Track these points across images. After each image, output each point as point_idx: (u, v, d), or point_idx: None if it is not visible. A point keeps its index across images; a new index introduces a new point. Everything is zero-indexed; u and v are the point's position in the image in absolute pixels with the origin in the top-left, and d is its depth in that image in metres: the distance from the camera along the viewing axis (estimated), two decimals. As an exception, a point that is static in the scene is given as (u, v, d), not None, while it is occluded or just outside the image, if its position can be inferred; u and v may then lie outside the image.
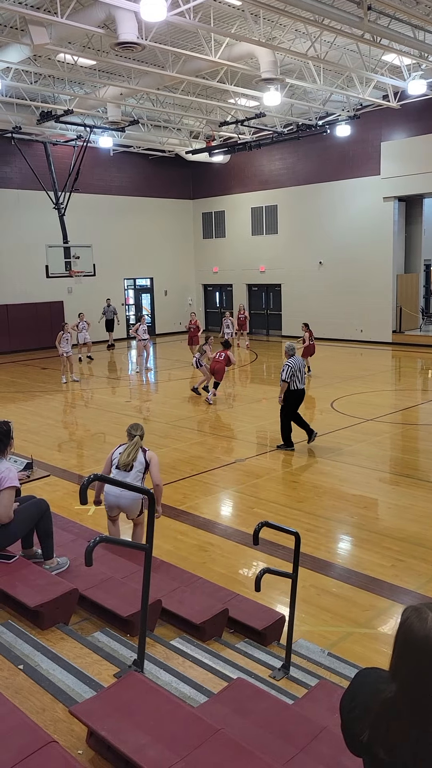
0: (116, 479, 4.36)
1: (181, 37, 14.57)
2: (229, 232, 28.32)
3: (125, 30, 11.70)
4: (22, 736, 2.08)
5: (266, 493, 8.91)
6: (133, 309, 28.47)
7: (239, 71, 15.49)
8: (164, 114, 21.19)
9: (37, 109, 19.54)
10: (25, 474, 8.15)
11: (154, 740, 2.26)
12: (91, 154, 23.22)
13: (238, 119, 20.76)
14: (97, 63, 15.61)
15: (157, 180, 27.78)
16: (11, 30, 13.54)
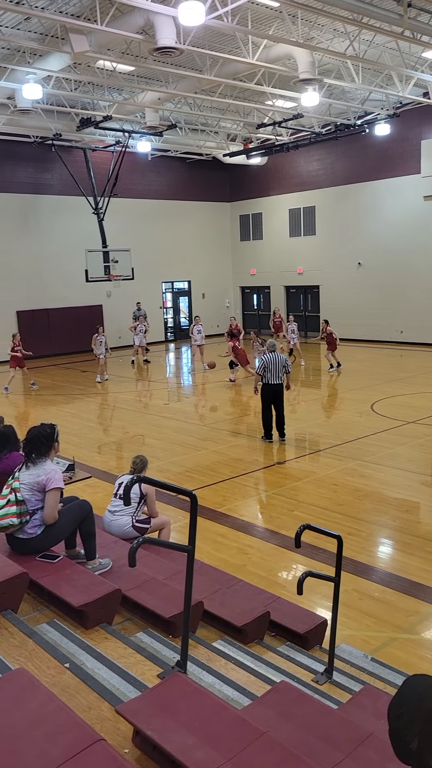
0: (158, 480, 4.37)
1: (219, 40, 14.61)
2: (266, 234, 28.27)
3: (164, 35, 11.79)
4: (71, 733, 2.11)
5: (306, 496, 8.86)
6: (170, 312, 28.64)
7: (277, 72, 15.46)
8: (201, 117, 21.28)
9: (76, 116, 19.84)
10: (68, 475, 8.26)
11: (200, 741, 2.26)
12: (129, 159, 23.46)
13: (276, 121, 20.72)
14: (136, 69, 15.77)
15: (195, 183, 27.91)
16: (52, 39, 13.78)
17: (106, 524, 6.01)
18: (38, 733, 2.12)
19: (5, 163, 22.63)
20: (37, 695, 2.33)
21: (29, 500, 4.53)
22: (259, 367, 11.27)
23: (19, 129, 20.26)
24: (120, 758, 2.02)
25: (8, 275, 22.83)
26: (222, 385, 17.38)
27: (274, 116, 20.89)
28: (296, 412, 13.88)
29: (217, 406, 15.01)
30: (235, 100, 18.72)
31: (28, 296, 23.47)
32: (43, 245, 23.70)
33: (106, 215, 22.11)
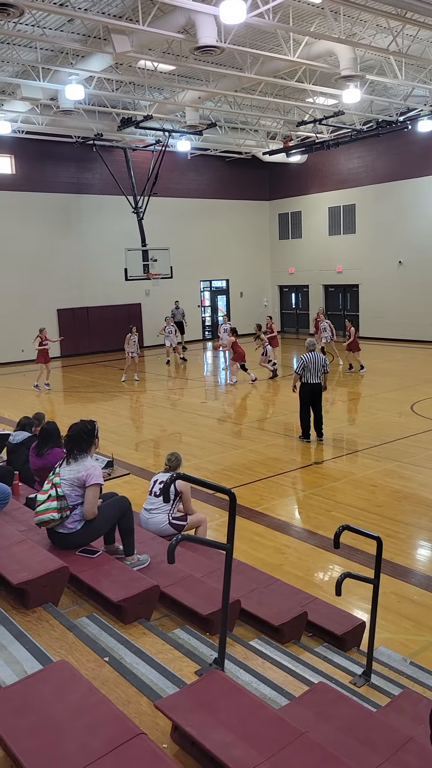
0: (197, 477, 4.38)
1: (260, 38, 14.57)
2: (305, 233, 28.09)
3: (205, 34, 11.81)
4: (112, 726, 2.13)
5: (344, 497, 8.78)
6: (208, 311, 28.69)
7: (318, 70, 15.34)
8: (241, 116, 21.26)
9: (117, 116, 20.02)
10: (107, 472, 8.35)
11: (238, 739, 2.26)
12: (169, 158, 23.57)
13: (316, 118, 20.56)
14: (176, 68, 15.84)
15: (234, 182, 27.90)
16: (94, 40, 13.93)
17: (143, 522, 6.06)
18: (80, 724, 2.15)
19: (47, 164, 22.98)
20: (79, 687, 2.37)
21: (69, 495, 4.59)
22: (298, 366, 11.20)
23: (61, 129, 20.55)
24: (160, 753, 2.03)
25: (50, 274, 23.20)
26: (258, 384, 17.34)
27: (314, 114, 20.74)
28: (334, 412, 13.76)
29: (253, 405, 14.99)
30: (276, 97, 18.65)
31: (69, 295, 23.80)
32: (84, 244, 24.00)
33: (145, 214, 22.27)
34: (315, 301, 27.85)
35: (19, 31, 13.08)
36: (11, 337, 22.32)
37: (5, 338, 22.25)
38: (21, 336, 22.51)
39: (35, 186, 22.80)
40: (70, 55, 14.76)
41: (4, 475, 6.00)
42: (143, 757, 2.00)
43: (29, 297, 22.75)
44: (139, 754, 2.01)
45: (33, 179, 22.76)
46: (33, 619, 3.52)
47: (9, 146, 21.85)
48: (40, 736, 2.11)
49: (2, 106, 18.36)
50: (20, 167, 22.51)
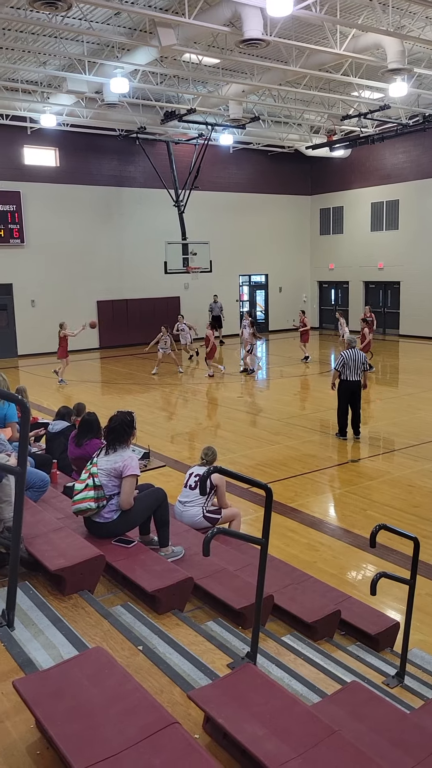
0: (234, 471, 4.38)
1: (306, 30, 14.43)
2: (347, 228, 27.78)
3: (251, 27, 11.75)
4: (147, 714, 2.16)
5: (380, 496, 8.69)
6: (247, 305, 28.64)
7: (364, 63, 15.11)
8: (285, 109, 21.10)
9: (161, 109, 20.08)
10: (143, 463, 8.44)
11: (270, 733, 2.27)
12: (211, 152, 23.55)
13: (361, 112, 20.28)
14: (221, 61, 15.79)
15: (276, 176, 27.73)
16: (140, 33, 13.98)
17: (178, 514, 6.10)
18: (115, 711, 2.19)
19: (91, 156, 23.20)
20: (114, 674, 2.40)
21: (106, 485, 4.65)
22: (338, 363, 11.10)
23: (105, 122, 20.72)
24: (194, 743, 2.05)
25: (90, 266, 23.45)
26: (297, 379, 17.25)
27: (359, 107, 20.45)
28: (372, 411, 13.61)
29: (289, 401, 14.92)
30: (320, 91, 18.44)
31: (108, 287, 24.03)
32: (125, 237, 24.18)
33: (186, 208, 22.30)
34: (355, 298, 27.55)
35: (67, 25, 13.21)
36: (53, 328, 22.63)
37: (47, 329, 22.53)
38: (61, 327, 22.85)
39: (78, 179, 23.05)
40: (115, 48, 14.84)
41: (43, 463, 6.10)
42: (177, 746, 2.02)
43: (70, 289, 23.04)
44: (173, 743, 2.03)
45: (76, 172, 23.01)
46: (69, 605, 3.58)
47: (54, 139, 22.12)
48: (77, 721, 2.14)
49: (48, 99, 18.59)
50: (64, 160, 22.77)
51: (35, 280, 22.32)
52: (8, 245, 21.65)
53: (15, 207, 21.56)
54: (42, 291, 22.49)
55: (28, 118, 20.15)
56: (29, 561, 3.90)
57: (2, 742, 2.33)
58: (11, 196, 21.49)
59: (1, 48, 15.00)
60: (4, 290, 22.09)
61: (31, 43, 14.73)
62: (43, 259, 22.40)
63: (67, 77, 16.22)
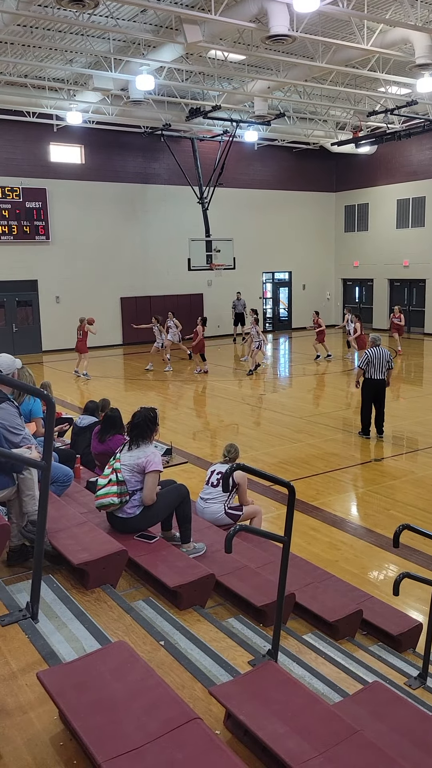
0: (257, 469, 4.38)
1: (332, 26, 14.32)
2: (372, 226, 27.54)
3: (277, 22, 11.69)
4: (169, 709, 2.17)
5: (403, 496, 8.62)
6: (270, 302, 28.56)
7: (392, 58, 14.95)
8: (311, 106, 20.97)
9: (186, 106, 20.08)
10: (165, 459, 8.45)
11: (291, 731, 2.27)
12: (235, 149, 23.49)
13: (388, 108, 20.08)
14: (247, 57, 15.74)
15: (300, 173, 27.58)
16: (166, 30, 14.00)
17: (199, 511, 6.12)
18: (137, 705, 2.20)
19: (116, 153, 23.29)
20: (137, 668, 2.42)
21: (129, 481, 4.68)
22: (362, 361, 11.01)
23: (130, 120, 20.77)
24: (215, 739, 2.06)
25: (114, 263, 23.56)
26: (320, 378, 17.17)
27: (386, 103, 20.26)
28: (396, 409, 13.49)
29: (312, 399, 14.86)
30: (346, 87, 18.31)
31: (132, 283, 24.11)
32: (148, 234, 24.24)
33: (210, 205, 22.28)
34: (379, 296, 27.31)
35: (93, 23, 13.27)
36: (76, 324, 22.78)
37: (71, 325, 22.71)
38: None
39: (103, 176, 23.15)
40: (141, 45, 14.88)
41: (67, 458, 6.16)
42: (199, 741, 2.03)
43: (94, 285, 23.18)
44: (195, 739, 2.04)
45: (101, 169, 23.12)
46: (92, 599, 3.61)
47: (79, 136, 22.24)
48: (99, 714, 2.16)
49: (74, 97, 18.70)
50: (89, 157, 22.89)
51: (60, 276, 22.49)
52: (34, 242, 21.84)
53: (41, 204, 21.75)
54: (66, 287, 22.65)
55: (54, 116, 20.28)
56: (53, 554, 3.94)
57: (26, 732, 2.37)
58: (37, 193, 21.67)
59: (29, 46, 15.14)
60: (29, 286, 22.29)
61: (58, 41, 14.82)
62: (67, 255, 22.56)
63: (93, 75, 16.31)
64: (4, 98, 18.38)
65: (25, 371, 5.77)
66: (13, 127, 20.80)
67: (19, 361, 4.64)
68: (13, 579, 3.76)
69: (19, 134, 21.15)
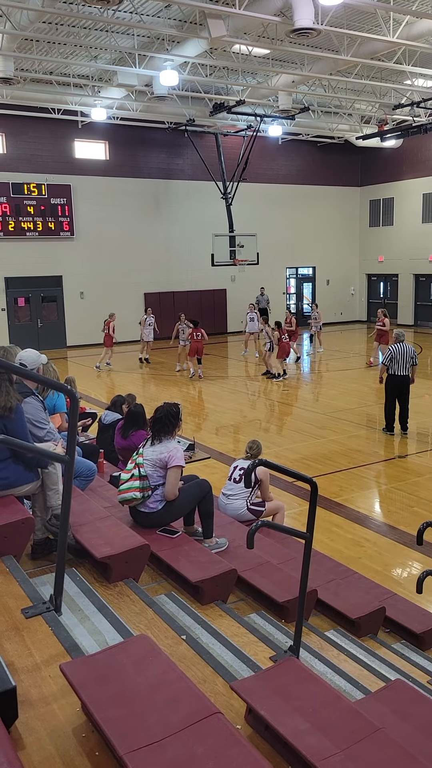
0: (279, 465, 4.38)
1: (358, 18, 14.16)
2: (397, 220, 27.24)
3: (302, 16, 11.60)
4: (190, 702, 2.18)
5: (427, 493, 8.53)
6: (293, 298, 28.42)
7: (418, 50, 14.75)
8: (335, 99, 20.78)
9: (210, 101, 20.04)
10: (188, 455, 8.48)
11: (312, 728, 2.26)
12: (259, 143, 23.40)
13: (414, 101, 19.82)
14: (271, 51, 15.65)
15: (325, 167, 27.38)
16: (190, 25, 13.98)
17: (222, 507, 6.12)
18: (159, 698, 2.22)
19: (140, 149, 23.34)
20: (159, 662, 2.43)
21: (151, 476, 4.70)
22: (386, 357, 10.93)
23: (154, 115, 20.81)
24: (236, 733, 2.06)
25: (138, 258, 23.64)
26: (343, 373, 17.06)
27: (412, 96, 19.99)
28: (420, 406, 13.35)
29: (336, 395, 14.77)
30: (372, 80, 18.11)
31: (156, 279, 24.18)
32: (172, 229, 24.27)
33: (234, 200, 22.23)
34: (405, 291, 27.03)
35: (118, 19, 13.29)
36: (100, 319, 22.93)
37: (95, 320, 22.87)
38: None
39: (127, 172, 23.24)
40: (166, 41, 14.87)
41: (91, 452, 6.20)
42: (219, 735, 2.04)
43: (118, 281, 23.29)
44: (216, 733, 2.05)
45: (125, 165, 23.20)
46: (114, 593, 3.63)
47: (104, 133, 22.34)
48: (121, 706, 2.18)
49: (99, 93, 18.77)
50: (113, 153, 22.98)
51: (84, 272, 22.64)
52: (59, 238, 22.02)
53: (65, 200, 21.91)
54: (91, 283, 22.80)
55: (79, 112, 20.39)
56: (76, 548, 3.97)
57: (49, 723, 2.39)
58: (62, 190, 21.83)
59: (54, 43, 15.23)
60: (54, 282, 22.48)
61: (82, 37, 14.89)
62: (92, 251, 22.69)
63: (117, 71, 16.34)
64: (30, 95, 18.53)
65: (50, 366, 5.82)
66: (39, 124, 20.96)
67: (44, 356, 4.69)
68: (37, 572, 3.80)
69: (45, 131, 21.32)
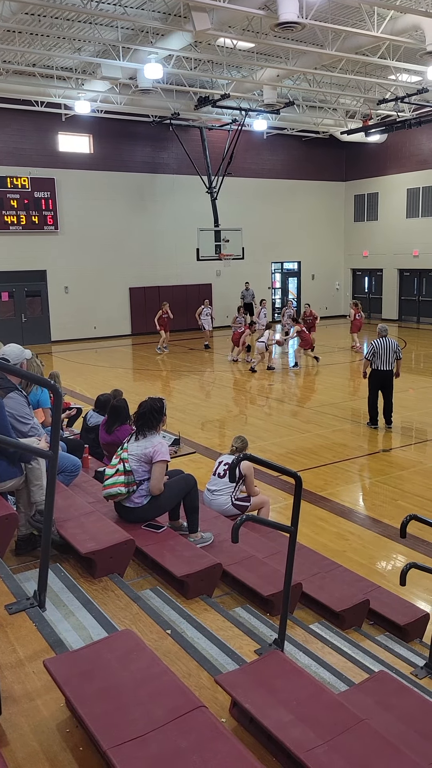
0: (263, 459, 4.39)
1: (342, 13, 14.16)
2: (381, 215, 27.35)
3: (286, 10, 11.57)
4: (174, 696, 2.19)
5: (411, 486, 8.60)
6: (279, 293, 28.46)
7: (402, 45, 14.78)
8: (320, 94, 20.80)
9: (195, 94, 19.95)
10: (173, 449, 8.46)
11: (296, 720, 2.27)
12: (244, 138, 23.35)
13: (398, 96, 19.88)
14: (256, 45, 15.61)
15: (310, 162, 27.40)
16: (175, 18, 13.89)
17: (207, 502, 6.13)
18: (143, 693, 2.22)
19: (124, 143, 23.21)
20: (143, 657, 2.43)
21: (136, 471, 4.69)
22: (368, 351, 11.00)
23: (138, 109, 20.67)
24: (220, 726, 2.07)
25: (123, 253, 23.53)
26: (328, 368, 17.13)
27: (396, 91, 20.06)
28: (405, 400, 13.44)
29: (320, 389, 14.83)
30: (356, 75, 18.13)
31: (141, 274, 24.09)
32: (157, 223, 24.18)
33: (219, 194, 22.19)
34: (389, 286, 27.17)
35: (101, 11, 13.18)
36: (85, 314, 22.86)
37: (79, 315, 22.79)
38: (94, 314, 23.03)
39: (111, 165, 23.09)
40: (150, 33, 14.78)
41: (76, 448, 6.18)
42: (204, 728, 2.04)
43: (103, 275, 23.17)
44: (200, 726, 2.05)
45: (110, 159, 23.06)
46: (99, 588, 3.63)
47: (88, 126, 22.18)
48: (105, 701, 2.18)
49: (83, 86, 18.63)
50: (98, 147, 22.83)
51: (69, 266, 22.50)
52: (42, 232, 21.85)
53: (49, 194, 21.73)
54: (75, 278, 22.66)
55: (62, 105, 20.22)
56: (61, 544, 3.96)
57: (33, 719, 2.39)
58: (46, 183, 21.65)
59: (37, 35, 15.08)
60: (38, 277, 22.32)
61: (66, 29, 14.75)
62: (76, 245, 22.55)
63: (101, 63, 16.22)
64: (13, 87, 18.32)
65: (33, 361, 5.78)
66: (22, 117, 20.76)
67: (28, 351, 4.65)
68: (21, 568, 3.79)
69: (28, 124, 21.12)
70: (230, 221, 22.64)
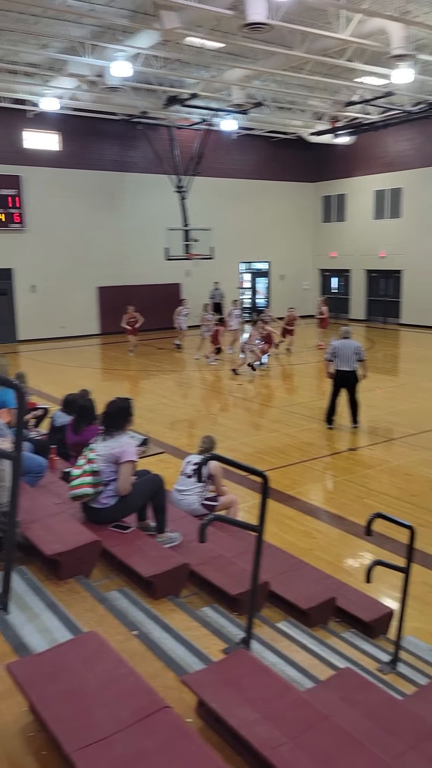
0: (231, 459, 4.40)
1: (310, 15, 14.24)
2: (349, 216, 27.64)
3: (254, 11, 11.61)
4: (139, 698, 2.18)
5: (377, 485, 8.71)
6: (250, 293, 28.54)
7: (369, 48, 14.95)
8: (288, 95, 20.91)
9: (163, 93, 19.89)
10: (141, 450, 8.43)
11: (262, 718, 2.28)
12: (213, 138, 23.38)
13: (365, 98, 20.11)
14: (224, 45, 15.62)
15: (278, 163, 27.54)
16: (143, 16, 13.82)
17: (175, 502, 6.12)
18: (108, 694, 2.20)
19: (92, 141, 23.03)
20: (108, 658, 2.42)
21: (104, 471, 4.66)
22: (328, 352, 11.16)
23: (106, 107, 20.52)
24: (185, 726, 2.06)
25: (91, 252, 23.34)
26: (297, 368, 17.25)
27: (363, 94, 20.28)
28: (371, 400, 13.59)
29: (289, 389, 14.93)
30: (324, 77, 18.27)
31: (109, 273, 23.93)
32: (126, 222, 24.05)
33: (188, 194, 22.16)
34: (357, 286, 27.47)
35: (69, 7, 13.05)
36: (52, 313, 22.61)
37: (46, 315, 22.54)
38: (61, 313, 22.79)
39: (80, 163, 22.89)
40: (117, 31, 14.68)
41: (42, 448, 6.11)
42: (169, 729, 2.04)
43: (71, 274, 22.96)
44: (165, 726, 2.05)
45: (78, 156, 22.85)
46: (65, 590, 3.59)
47: (56, 123, 21.94)
48: (69, 704, 2.16)
49: (49, 83, 18.42)
50: (66, 144, 22.61)
51: (36, 265, 22.24)
52: (8, 230, 21.55)
53: (15, 191, 21.44)
54: (43, 276, 22.41)
55: (28, 102, 19.96)
56: (25, 546, 3.91)
57: (-5, 724, 2.35)
58: (11, 180, 21.36)
59: (2, 30, 14.85)
60: (4, 275, 22.01)
61: (32, 24, 14.56)
62: (43, 244, 22.30)
63: (68, 60, 16.06)
64: (-23, 83, 18.03)
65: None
66: (-14, 113, 20.45)
67: (-9, 350, 4.58)
68: (-16, 571, 3.72)
69: (-8, 119, 20.81)
70: (199, 221, 22.64)
